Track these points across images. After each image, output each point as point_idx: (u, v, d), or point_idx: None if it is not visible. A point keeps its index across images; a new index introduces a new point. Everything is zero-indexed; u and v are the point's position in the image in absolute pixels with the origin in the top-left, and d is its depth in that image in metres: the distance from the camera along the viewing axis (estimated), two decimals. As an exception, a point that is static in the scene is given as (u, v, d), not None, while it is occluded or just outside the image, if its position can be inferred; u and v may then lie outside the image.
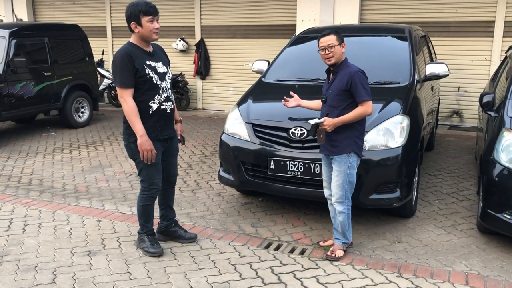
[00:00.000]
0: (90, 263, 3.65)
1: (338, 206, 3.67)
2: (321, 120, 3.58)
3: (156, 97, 3.53)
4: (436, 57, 7.31)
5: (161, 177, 3.69)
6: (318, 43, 3.69)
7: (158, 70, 3.57)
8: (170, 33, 10.87)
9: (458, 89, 8.72)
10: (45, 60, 8.37)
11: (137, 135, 3.41)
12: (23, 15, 12.25)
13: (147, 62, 3.51)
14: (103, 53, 11.02)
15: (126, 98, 3.42)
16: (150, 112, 3.51)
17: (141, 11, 3.43)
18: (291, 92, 3.99)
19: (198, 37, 10.64)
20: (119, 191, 5.39)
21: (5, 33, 7.81)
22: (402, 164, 4.03)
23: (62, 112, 8.73)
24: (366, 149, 3.99)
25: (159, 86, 3.55)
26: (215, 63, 10.67)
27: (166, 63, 3.73)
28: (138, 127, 3.40)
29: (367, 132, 4.02)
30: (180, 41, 10.66)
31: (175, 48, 10.74)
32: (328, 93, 3.70)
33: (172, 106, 3.67)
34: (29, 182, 5.77)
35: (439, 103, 7.52)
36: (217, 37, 10.52)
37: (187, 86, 10.64)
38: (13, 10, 12.35)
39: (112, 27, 11.68)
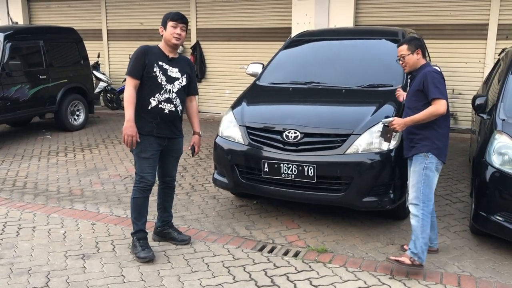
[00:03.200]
0: (84, 266, 3.65)
1: (412, 208, 3.52)
2: (390, 119, 3.59)
3: (156, 95, 3.73)
4: (430, 60, 7.33)
5: (154, 174, 3.82)
6: None
7: (169, 73, 3.77)
8: (166, 36, 10.88)
9: (453, 92, 8.75)
10: (41, 63, 8.37)
11: (125, 120, 3.62)
12: (19, 18, 12.24)
13: (160, 63, 3.74)
14: (98, 56, 11.01)
15: (128, 86, 3.69)
16: (149, 107, 3.73)
17: (169, 17, 3.77)
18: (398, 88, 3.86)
19: (193, 40, 10.66)
20: (113, 194, 5.40)
21: (0, 36, 7.80)
22: (395, 166, 4.05)
23: (57, 115, 8.72)
24: (360, 152, 4.02)
25: (163, 86, 3.74)
26: (211, 66, 10.69)
27: (185, 72, 3.87)
28: (128, 113, 3.62)
29: (360, 134, 4.05)
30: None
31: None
32: (407, 98, 3.70)
33: (173, 109, 3.81)
34: (24, 185, 5.77)
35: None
36: (212, 40, 10.54)
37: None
38: (8, 13, 12.34)
39: (107, 30, 11.68)
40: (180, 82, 3.82)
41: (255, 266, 3.66)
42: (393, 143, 4.07)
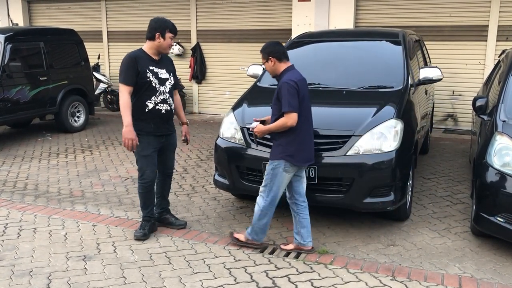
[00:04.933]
0: (85, 268, 3.65)
1: (258, 197, 3.85)
2: (254, 125, 3.91)
3: (152, 98, 4.02)
4: (430, 61, 7.36)
5: (154, 169, 4.15)
6: None
7: (160, 76, 4.06)
8: (166, 37, 10.89)
9: (453, 93, 8.77)
10: (41, 64, 8.38)
11: (124, 125, 3.89)
12: (19, 20, 12.25)
13: (150, 67, 4.01)
14: (99, 58, 11.01)
15: (124, 93, 3.93)
16: (146, 110, 4.02)
17: (168, 27, 4.01)
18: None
19: (194, 42, 10.67)
20: (114, 196, 5.40)
21: (1, 37, 7.81)
22: (396, 167, 4.06)
23: (57, 116, 8.72)
24: (361, 153, 4.02)
25: (157, 89, 4.04)
26: (211, 67, 10.70)
27: (171, 71, 4.20)
28: (126, 120, 3.90)
29: (361, 136, 4.06)
30: (176, 45, 10.67)
31: (171, 53, 10.73)
32: (272, 103, 3.85)
33: (169, 108, 4.14)
34: (24, 186, 5.77)
35: (433, 107, 7.57)
36: (213, 41, 10.55)
37: (183, 90, 10.63)
38: (8, 15, 12.35)
39: (108, 31, 11.69)
40: (170, 82, 4.15)
41: (256, 267, 3.66)
42: (394, 144, 4.07)
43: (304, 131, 3.75)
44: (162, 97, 4.05)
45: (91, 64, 9.92)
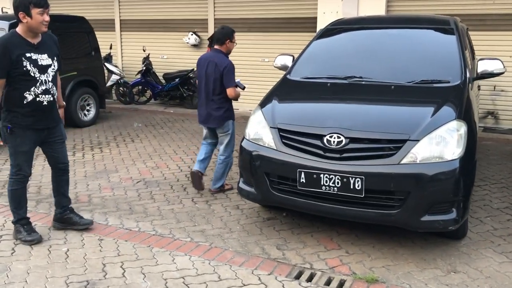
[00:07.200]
0: (88, 297, 3.05)
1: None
2: None
3: (32, 89, 3.58)
4: (474, 55, 6.60)
5: (31, 164, 3.80)
6: None
7: (40, 63, 3.59)
8: (181, 26, 10.27)
9: (494, 88, 8.01)
10: (48, 54, 7.80)
11: None
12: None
13: (27, 55, 3.51)
14: (111, 48, 10.43)
15: None
16: (25, 102, 3.58)
17: (31, 2, 3.42)
18: None
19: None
20: (124, 202, 4.80)
21: (5, 24, 7.22)
22: (460, 179, 3.37)
23: (66, 110, 8.06)
24: (418, 161, 3.34)
25: (37, 78, 3.58)
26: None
27: (54, 54, 3.72)
28: None
29: (418, 141, 3.38)
30: (192, 35, 10.05)
31: (187, 43, 10.14)
32: None
33: (52, 99, 3.71)
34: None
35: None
36: (231, 31, 9.87)
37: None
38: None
39: (120, 20, 11.09)
40: (53, 69, 3.69)
41: (293, 300, 3.02)
42: (458, 151, 3.38)
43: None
44: (43, 88, 3.61)
45: (103, 54, 9.36)
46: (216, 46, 4.99)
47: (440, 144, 3.40)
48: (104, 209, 4.60)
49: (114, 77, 10.23)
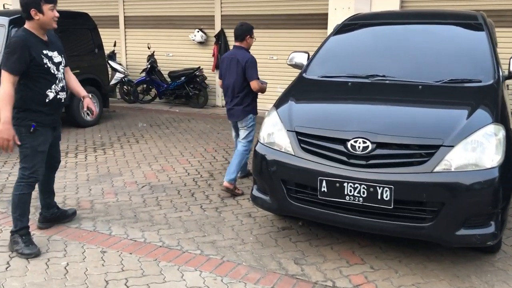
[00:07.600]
0: (89, 320, 2.75)
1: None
2: None
3: (53, 86, 3.56)
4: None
5: (44, 167, 3.66)
6: None
7: (54, 60, 3.56)
8: (187, 23, 9.97)
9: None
10: (50, 51, 7.51)
11: (0, 121, 3.26)
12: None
13: (44, 52, 3.49)
14: (115, 45, 10.15)
15: (6, 83, 3.31)
16: (47, 100, 3.54)
17: None
18: None
19: (218, 28, 9.72)
20: (129, 209, 4.50)
21: (5, 20, 6.96)
22: (500, 188, 3.05)
23: (68, 109, 7.82)
24: (452, 169, 3.03)
25: (56, 76, 3.57)
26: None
27: (62, 52, 3.70)
28: (5, 114, 3.28)
29: (452, 146, 3.06)
30: (198, 32, 9.76)
31: (193, 40, 9.84)
32: None
33: (66, 96, 3.72)
34: (25, 194, 4.89)
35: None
36: (239, 28, 9.55)
37: (205, 81, 9.74)
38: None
39: (125, 16, 10.81)
40: (63, 66, 3.69)
41: (316, 324, 2.72)
42: (497, 158, 3.06)
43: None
44: (61, 85, 3.62)
45: (106, 52, 9.06)
46: (236, 43, 5.08)
47: (477, 150, 3.08)
48: (107, 217, 4.31)
49: (118, 76, 9.95)
